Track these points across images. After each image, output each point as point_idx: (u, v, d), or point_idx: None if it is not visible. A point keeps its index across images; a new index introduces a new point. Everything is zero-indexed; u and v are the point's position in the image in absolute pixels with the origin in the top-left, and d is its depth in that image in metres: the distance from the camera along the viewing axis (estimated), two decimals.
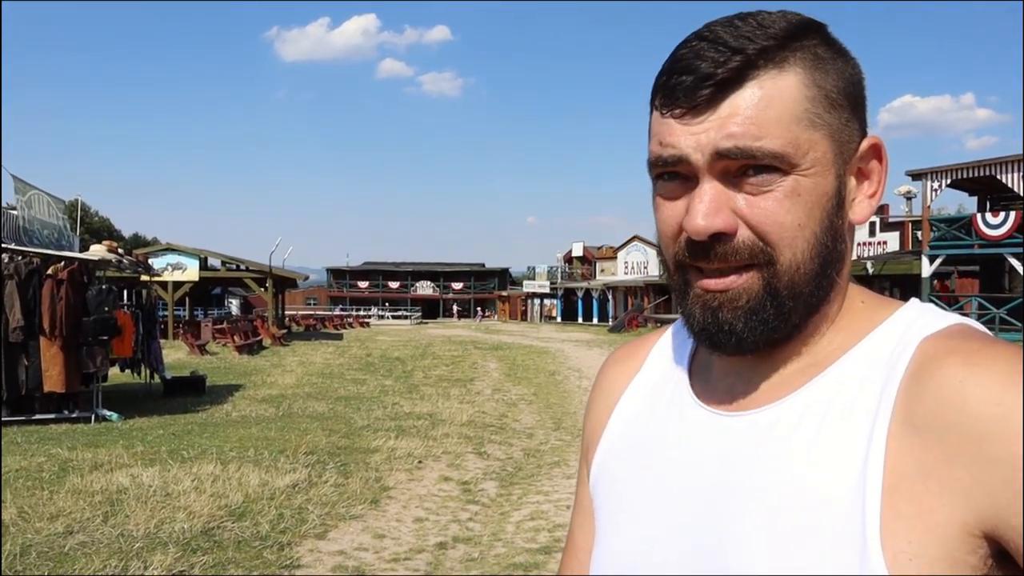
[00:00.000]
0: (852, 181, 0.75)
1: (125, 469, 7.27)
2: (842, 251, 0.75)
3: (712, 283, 0.73)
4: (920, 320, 0.73)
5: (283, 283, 38.68)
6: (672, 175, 0.73)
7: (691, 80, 0.70)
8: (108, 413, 11.23)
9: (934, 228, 25.84)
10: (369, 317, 64.08)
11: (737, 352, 0.75)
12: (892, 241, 32.54)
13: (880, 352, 0.72)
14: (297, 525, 5.73)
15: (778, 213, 0.70)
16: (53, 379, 10.62)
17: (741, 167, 0.70)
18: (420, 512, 6.33)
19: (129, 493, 6.38)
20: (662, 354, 0.90)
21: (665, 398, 0.85)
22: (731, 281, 0.72)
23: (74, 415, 11.03)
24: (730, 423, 0.76)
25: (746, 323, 0.72)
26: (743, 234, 0.71)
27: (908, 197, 31.06)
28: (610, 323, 47.45)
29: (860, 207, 0.76)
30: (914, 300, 0.78)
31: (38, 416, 10.84)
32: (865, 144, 0.75)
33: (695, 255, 0.73)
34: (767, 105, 0.69)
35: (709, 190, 0.70)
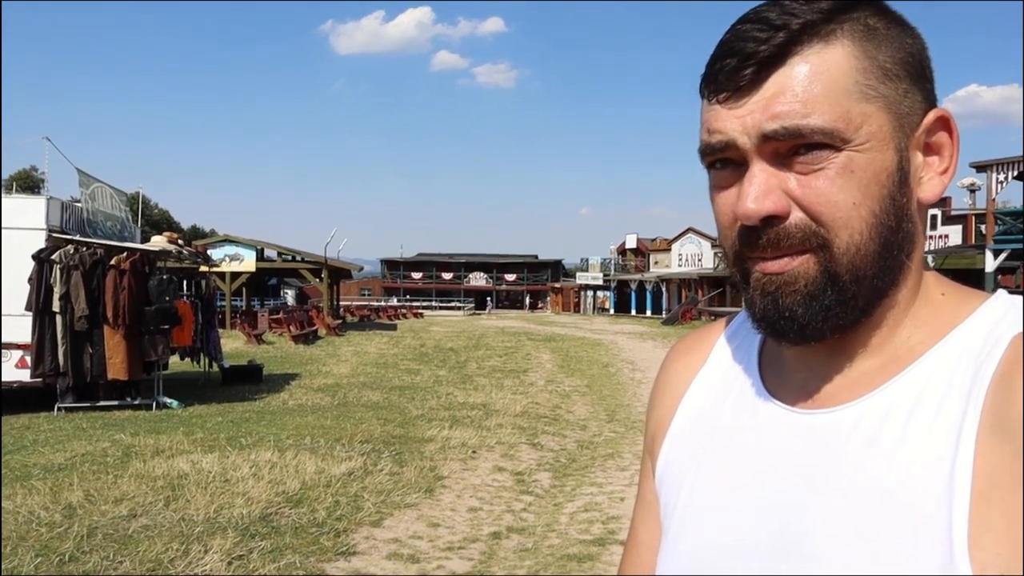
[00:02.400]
0: (919, 157, 0.71)
1: (185, 455, 7.43)
2: (910, 232, 0.70)
3: (769, 265, 0.69)
4: (1010, 315, 0.68)
5: (338, 274, 39.13)
6: (724, 162, 0.71)
7: (734, 62, 0.68)
8: (169, 400, 11.50)
9: (999, 221, 25.10)
10: (428, 308, 64.53)
11: (801, 340, 0.71)
12: (954, 235, 31.70)
13: (967, 350, 0.67)
14: (353, 513, 5.78)
15: (831, 192, 0.66)
16: (116, 367, 10.90)
17: (791, 147, 0.67)
18: (474, 502, 6.34)
19: (189, 478, 6.51)
20: (727, 347, 0.87)
21: (734, 393, 0.81)
22: (786, 263, 0.69)
23: (136, 402, 11.32)
24: (808, 421, 0.72)
25: (806, 308, 0.69)
26: (796, 216, 0.67)
27: (972, 190, 30.24)
28: (663, 316, 47.08)
29: (930, 184, 0.71)
30: (1002, 292, 0.73)
31: (102, 402, 11.15)
32: (931, 116, 0.71)
33: (748, 242, 0.70)
34: (813, 80, 0.66)
35: (759, 173, 0.68)
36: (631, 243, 62.91)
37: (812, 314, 0.69)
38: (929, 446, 0.64)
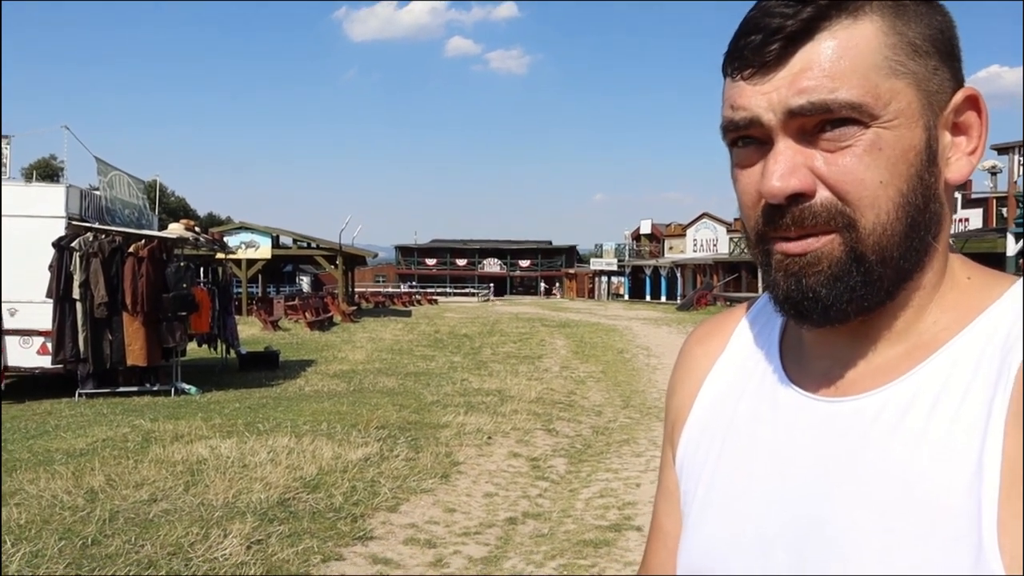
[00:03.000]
0: (947, 136, 0.69)
1: (204, 440, 7.50)
2: (937, 212, 0.69)
3: (791, 246, 0.68)
4: None
5: (353, 261, 39.24)
6: (747, 140, 0.70)
7: (759, 38, 0.66)
8: (187, 386, 11.60)
9: (1021, 204, 24.79)
10: (443, 295, 64.60)
11: (824, 322, 0.70)
12: (975, 218, 31.38)
13: (995, 334, 0.66)
14: (370, 498, 5.83)
15: (858, 170, 0.65)
16: (135, 353, 11.00)
17: (817, 123, 0.66)
18: (490, 487, 6.38)
19: (208, 464, 6.57)
20: (747, 333, 0.86)
21: (755, 380, 0.80)
22: (810, 244, 0.67)
23: (155, 388, 11.43)
24: (830, 408, 0.71)
25: (830, 289, 0.67)
26: (822, 195, 0.66)
27: (993, 172, 29.88)
28: (678, 301, 46.95)
29: (957, 165, 0.70)
30: None
31: (122, 389, 11.26)
32: (960, 95, 0.69)
33: (772, 221, 0.68)
34: (841, 55, 0.65)
35: (784, 150, 0.67)
36: (645, 228, 62.71)
37: (836, 295, 0.67)
38: (955, 434, 0.63)
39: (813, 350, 0.76)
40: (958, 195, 31.25)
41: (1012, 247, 24.81)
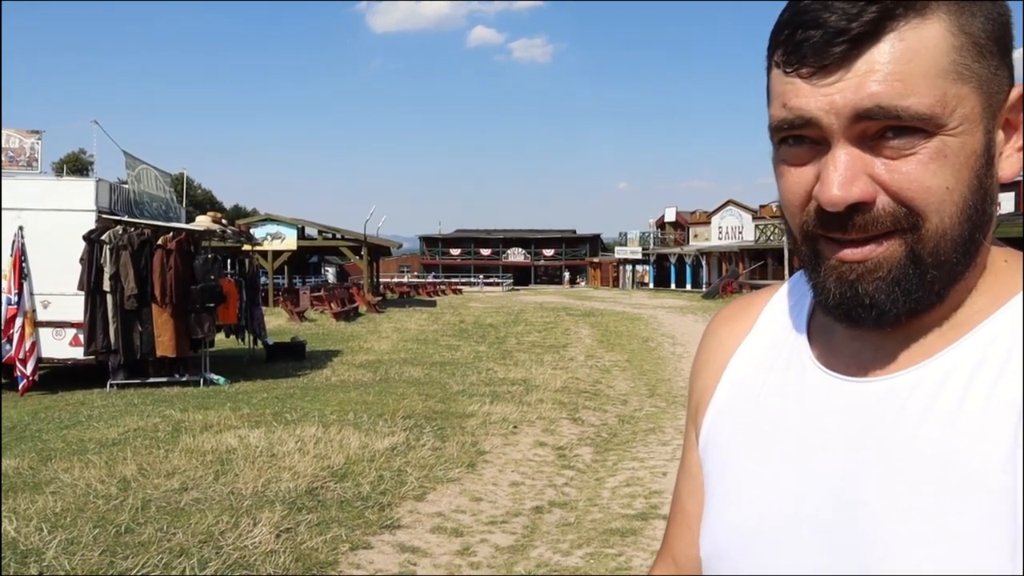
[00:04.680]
0: (999, 134, 0.68)
1: (233, 430, 7.59)
2: (991, 213, 0.68)
3: (849, 253, 0.66)
4: None
5: (377, 251, 39.39)
6: (798, 139, 0.67)
7: (820, 35, 0.63)
8: (215, 377, 11.73)
9: None
10: (468, 284, 64.75)
11: (876, 327, 0.68)
12: (1007, 202, 30.89)
13: None
14: (396, 487, 5.87)
15: (924, 177, 0.63)
16: (164, 344, 11.14)
17: (881, 129, 0.63)
18: (516, 476, 6.40)
19: (237, 453, 6.65)
20: (774, 314, 0.84)
21: (781, 361, 0.79)
22: (870, 251, 0.65)
23: (184, 379, 11.56)
24: (861, 388, 0.70)
25: (888, 295, 0.66)
26: (883, 201, 0.64)
27: None
28: (704, 289, 46.70)
29: (1009, 162, 0.68)
30: None
31: (152, 379, 11.41)
32: (1015, 94, 0.67)
33: (828, 226, 0.66)
34: (910, 59, 0.62)
35: (844, 156, 0.64)
36: (670, 216, 62.35)
37: (893, 300, 0.66)
38: (991, 412, 0.63)
39: (843, 333, 0.75)
40: None
41: None
